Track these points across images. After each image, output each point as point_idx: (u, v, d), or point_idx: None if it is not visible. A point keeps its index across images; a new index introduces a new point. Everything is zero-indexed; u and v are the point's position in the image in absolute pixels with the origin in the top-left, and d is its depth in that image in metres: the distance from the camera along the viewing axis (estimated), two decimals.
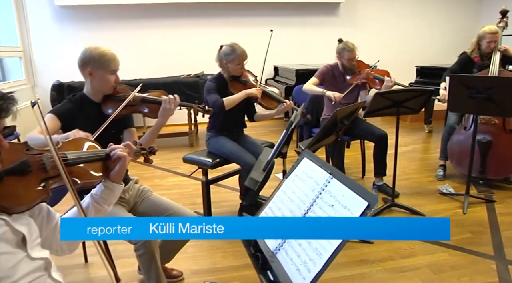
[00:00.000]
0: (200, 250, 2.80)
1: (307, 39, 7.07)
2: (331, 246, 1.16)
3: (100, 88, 2.09)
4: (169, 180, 4.27)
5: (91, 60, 2.03)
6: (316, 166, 1.45)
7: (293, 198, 1.44)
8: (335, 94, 3.52)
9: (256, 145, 3.17)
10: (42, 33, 6.40)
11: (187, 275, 2.52)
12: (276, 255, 1.34)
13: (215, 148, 3.12)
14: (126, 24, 6.47)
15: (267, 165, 2.12)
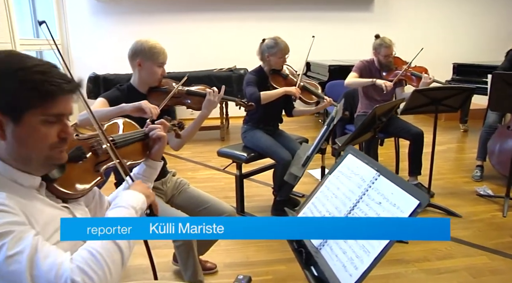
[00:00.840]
0: (233, 244, 2.81)
1: (340, 34, 6.98)
2: (380, 244, 1.14)
3: (147, 80, 2.15)
4: (201, 173, 4.31)
5: (141, 52, 2.10)
6: (361, 163, 1.42)
7: (337, 194, 1.43)
8: (386, 83, 3.42)
9: (291, 141, 3.17)
10: (79, 27, 6.55)
11: (220, 268, 2.54)
12: (320, 251, 1.32)
13: (251, 142, 3.12)
14: (160, 17, 6.55)
15: (307, 160, 2.10)
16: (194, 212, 2.17)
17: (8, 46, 4.71)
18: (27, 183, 1.00)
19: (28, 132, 0.95)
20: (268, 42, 3.05)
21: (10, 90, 0.92)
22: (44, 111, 0.95)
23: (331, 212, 1.40)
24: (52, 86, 0.94)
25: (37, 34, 6.08)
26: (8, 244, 0.85)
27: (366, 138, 2.95)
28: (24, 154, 0.97)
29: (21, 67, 0.93)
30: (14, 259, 0.84)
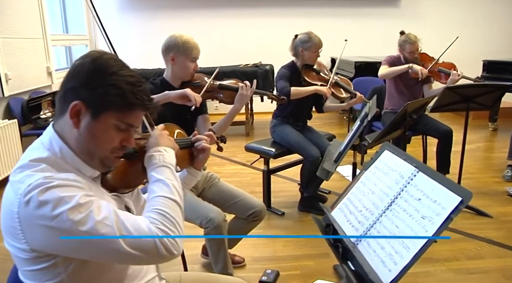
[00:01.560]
0: (261, 238, 2.84)
1: (366, 30, 6.91)
2: (420, 240, 1.14)
3: (180, 74, 2.18)
4: (227, 168, 4.35)
5: (174, 46, 2.13)
6: (399, 159, 1.42)
7: (374, 190, 1.43)
8: (423, 70, 3.39)
9: (320, 137, 3.17)
10: (107, 23, 6.64)
11: (248, 262, 2.56)
12: (357, 246, 1.33)
13: (280, 137, 3.13)
14: (186, 13, 6.61)
15: (339, 156, 2.10)
16: (224, 206, 2.19)
17: (40, 41, 4.84)
18: (88, 174, 1.07)
19: (100, 130, 1.02)
20: (302, 37, 3.07)
21: (99, 90, 0.99)
22: (120, 118, 1.03)
23: (368, 208, 1.40)
24: (136, 100, 1.02)
25: (66, 30, 6.22)
26: (94, 211, 0.93)
27: (396, 135, 2.92)
28: (91, 148, 1.03)
29: (116, 72, 1.01)
30: (104, 223, 0.92)
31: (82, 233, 0.90)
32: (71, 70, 1.03)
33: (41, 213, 0.89)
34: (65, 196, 0.91)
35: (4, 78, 3.98)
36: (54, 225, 0.89)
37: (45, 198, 0.90)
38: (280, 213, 3.19)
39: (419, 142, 4.21)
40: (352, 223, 1.42)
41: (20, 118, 4.14)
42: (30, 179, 0.92)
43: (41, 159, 0.99)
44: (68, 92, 1.01)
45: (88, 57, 1.02)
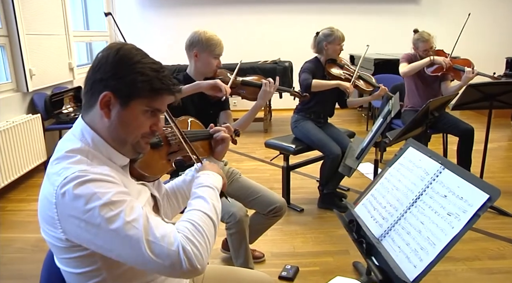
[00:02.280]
0: (280, 234, 2.86)
1: (385, 28, 6.84)
2: (446, 236, 1.15)
3: (202, 70, 2.20)
4: (245, 164, 4.37)
5: (198, 43, 2.14)
6: (424, 156, 1.42)
7: (399, 187, 1.43)
8: (445, 60, 3.37)
9: (341, 134, 3.17)
10: (127, 19, 6.74)
11: (268, 257, 2.58)
12: (381, 242, 1.34)
13: (302, 133, 3.14)
14: (205, 10, 6.64)
15: (361, 153, 2.10)
16: (245, 201, 2.21)
17: (63, 38, 4.92)
18: (119, 162, 1.11)
19: (130, 117, 1.06)
20: (325, 32, 3.10)
21: (127, 79, 1.03)
22: (148, 103, 1.06)
23: (392, 204, 1.41)
24: (162, 84, 1.06)
25: (87, 27, 6.31)
26: (125, 211, 0.95)
27: (416, 133, 2.90)
28: (122, 135, 1.07)
29: (139, 60, 1.05)
30: (132, 225, 0.94)
31: (109, 231, 0.93)
32: (95, 63, 1.06)
33: (75, 206, 0.93)
34: (99, 192, 0.94)
35: (29, 73, 4.07)
36: (85, 219, 0.93)
37: (79, 192, 0.93)
38: (299, 210, 3.20)
39: (439, 140, 4.16)
40: (376, 219, 1.43)
41: (43, 112, 4.23)
42: (66, 172, 0.96)
43: (75, 150, 1.03)
44: (95, 84, 1.05)
45: (110, 49, 1.06)
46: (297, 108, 3.26)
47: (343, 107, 3.27)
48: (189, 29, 2.25)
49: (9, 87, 3.95)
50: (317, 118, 3.19)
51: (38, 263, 1.17)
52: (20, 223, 3.13)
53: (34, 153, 3.96)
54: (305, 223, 3.02)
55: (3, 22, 3.87)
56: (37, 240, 2.81)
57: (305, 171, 3.89)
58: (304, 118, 3.17)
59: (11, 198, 3.61)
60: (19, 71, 4.01)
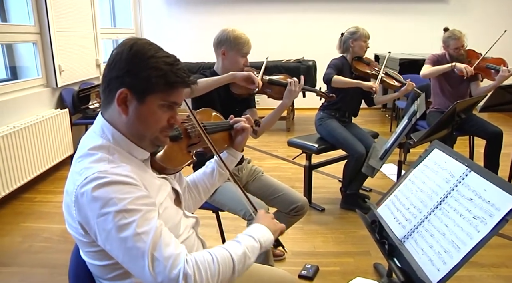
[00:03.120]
0: (301, 233, 2.86)
1: (411, 27, 6.72)
2: (471, 240, 1.13)
3: (229, 68, 2.19)
4: (267, 162, 4.38)
5: (226, 41, 2.16)
6: (449, 158, 1.40)
7: (423, 188, 1.41)
8: (467, 67, 3.28)
9: (365, 134, 3.15)
10: (152, 17, 6.84)
11: (288, 256, 2.58)
12: (404, 244, 1.33)
13: (327, 131, 3.14)
14: (229, 8, 6.67)
15: (385, 153, 2.08)
16: (267, 199, 2.21)
17: (91, 35, 5.02)
18: (139, 157, 1.14)
19: (147, 112, 1.07)
20: (350, 30, 3.13)
21: (141, 74, 1.04)
22: (164, 97, 1.07)
23: (416, 206, 1.39)
24: (177, 78, 1.07)
25: (114, 24, 6.43)
26: (138, 221, 0.95)
27: (442, 135, 2.85)
28: (141, 131, 1.09)
29: (153, 55, 1.06)
30: (142, 237, 0.94)
31: (119, 238, 0.94)
32: (110, 60, 1.08)
33: (92, 207, 0.96)
34: (115, 197, 0.95)
35: (58, 69, 4.18)
36: (98, 222, 0.95)
37: (97, 195, 0.95)
38: (320, 209, 3.20)
39: (465, 142, 4.09)
40: (399, 220, 1.42)
41: (70, 107, 4.33)
42: (87, 172, 0.99)
43: (96, 147, 1.05)
44: (112, 81, 1.06)
45: (124, 46, 1.07)
46: (322, 105, 3.25)
47: (370, 105, 3.26)
48: (214, 27, 2.27)
49: (39, 83, 4.07)
50: (342, 116, 3.18)
51: (64, 253, 1.21)
52: (47, 214, 3.22)
53: (62, 147, 4.06)
54: (326, 223, 3.01)
55: (36, 19, 3.98)
56: (63, 231, 2.89)
57: (327, 170, 3.87)
58: (329, 116, 3.16)
59: (40, 189, 3.72)
60: (49, 67, 4.13)
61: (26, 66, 4.07)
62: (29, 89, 3.88)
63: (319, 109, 3.26)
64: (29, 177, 3.54)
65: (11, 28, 3.73)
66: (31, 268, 2.49)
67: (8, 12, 3.88)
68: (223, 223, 2.42)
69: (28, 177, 3.53)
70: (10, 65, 3.96)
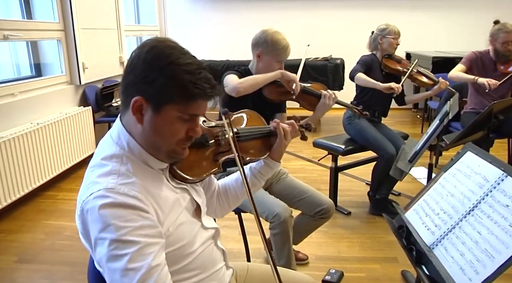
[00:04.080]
0: (325, 237, 2.84)
1: (448, 23, 6.57)
2: (507, 250, 1.09)
3: (264, 71, 2.17)
4: (292, 163, 4.36)
5: (264, 43, 2.14)
6: (484, 162, 1.36)
7: (454, 193, 1.38)
8: (490, 81, 3.17)
9: (394, 135, 3.11)
10: (177, 14, 6.91)
11: (312, 260, 2.57)
12: (433, 251, 1.30)
13: (355, 130, 3.11)
14: (254, 4, 6.67)
15: (414, 156, 2.05)
16: (291, 201, 2.21)
17: (115, 32, 5.12)
18: (155, 166, 1.09)
19: (163, 123, 1.02)
20: (379, 27, 3.12)
21: (157, 83, 0.98)
22: (182, 109, 1.01)
23: (446, 211, 1.36)
24: (197, 89, 0.99)
25: (138, 21, 6.53)
26: (131, 255, 0.92)
27: (477, 137, 2.77)
28: (157, 142, 1.04)
29: (173, 61, 0.99)
30: (129, 273, 0.91)
31: (107, 267, 0.93)
32: (129, 63, 1.03)
33: (92, 227, 0.95)
34: (114, 224, 0.92)
35: (82, 67, 4.28)
36: (95, 243, 0.95)
37: (98, 217, 0.93)
38: (346, 213, 3.17)
39: (503, 146, 3.98)
40: (428, 226, 1.39)
41: (94, 105, 4.43)
42: (93, 187, 0.97)
43: (108, 157, 1.03)
44: (128, 87, 1.02)
45: (143, 48, 1.01)
46: (351, 103, 3.21)
47: (400, 104, 3.22)
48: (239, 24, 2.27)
49: (63, 80, 4.17)
50: (372, 116, 3.12)
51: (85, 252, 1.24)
52: (69, 212, 3.30)
53: (84, 145, 4.16)
54: (352, 227, 2.98)
55: (60, 16, 4.09)
56: None
57: (354, 173, 3.84)
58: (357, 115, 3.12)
59: (62, 187, 3.82)
60: (73, 65, 4.23)
61: (50, 63, 4.17)
62: (52, 86, 3.99)
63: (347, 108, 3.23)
64: (51, 175, 3.64)
65: (36, 25, 3.84)
66: (53, 266, 2.56)
67: (33, 9, 3.99)
68: (245, 225, 2.42)
69: (51, 174, 3.63)
70: (35, 62, 4.08)
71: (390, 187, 3.07)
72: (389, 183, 3.04)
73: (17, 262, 2.62)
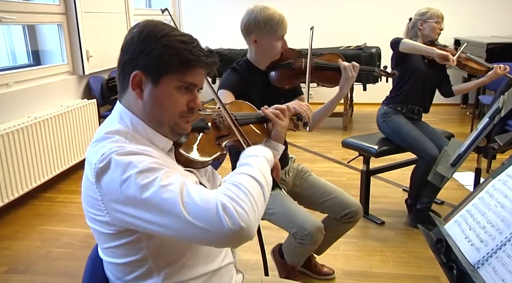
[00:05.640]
0: (354, 249, 2.79)
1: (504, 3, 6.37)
2: None
3: (265, 56, 2.11)
4: (319, 165, 4.33)
5: (256, 26, 2.02)
6: None
7: (505, 204, 1.32)
8: None
9: (437, 134, 3.04)
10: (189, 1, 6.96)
11: (338, 275, 2.53)
12: (478, 270, 1.24)
13: (391, 128, 3.06)
14: None
15: (458, 159, 1.98)
16: (315, 203, 2.22)
17: (123, 16, 5.17)
18: (161, 145, 1.18)
19: (163, 95, 1.13)
20: (419, 11, 3.08)
21: (154, 54, 1.10)
22: (180, 78, 1.13)
23: (494, 225, 1.30)
24: (192, 56, 1.11)
25: (149, 4, 6.58)
26: (161, 177, 1.01)
27: None
28: (158, 115, 1.15)
29: (166, 34, 1.12)
30: (167, 188, 0.99)
31: (145, 198, 0.98)
32: (124, 44, 1.15)
33: (113, 177, 1.01)
34: (134, 161, 1.02)
35: (86, 55, 4.32)
36: (122, 190, 1.00)
37: (116, 164, 1.01)
38: (379, 222, 3.11)
39: None
40: (472, 241, 1.33)
41: (99, 98, 4.48)
42: (103, 149, 1.05)
43: (113, 131, 1.12)
44: (126, 65, 1.14)
45: (135, 28, 1.15)
46: (386, 99, 3.18)
47: (447, 95, 3.18)
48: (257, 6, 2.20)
49: (64, 69, 4.24)
50: (410, 112, 3.08)
51: (85, 261, 1.24)
52: (70, 216, 3.35)
53: (88, 142, 4.20)
54: (385, 239, 2.92)
55: None
56: (86, 235, 2.98)
57: (389, 177, 3.79)
58: (394, 111, 3.08)
59: (62, 188, 3.88)
60: (76, 52, 4.29)
61: (50, 51, 4.24)
62: (52, 76, 4.05)
63: (383, 104, 3.18)
64: (50, 175, 3.70)
65: (33, 8, 3.88)
66: (48, 277, 2.59)
67: None
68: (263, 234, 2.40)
69: (50, 174, 3.69)
70: (32, 49, 4.14)
71: (432, 195, 2.98)
72: (432, 190, 2.95)
73: (7, 273, 2.65)
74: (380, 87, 4.35)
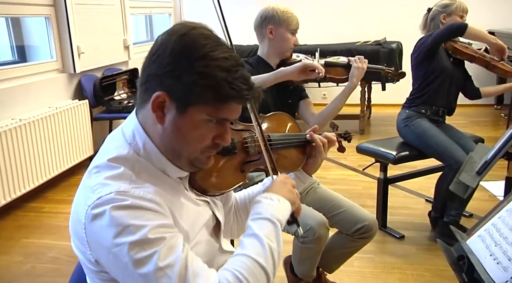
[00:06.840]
0: (370, 266, 2.79)
1: None
2: None
3: (279, 48, 2.33)
4: (332, 172, 4.34)
5: (272, 17, 2.28)
6: None
7: None
8: None
9: (464, 138, 3.02)
10: None
11: None
12: None
13: (415, 134, 3.04)
14: None
15: (485, 166, 1.94)
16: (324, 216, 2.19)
17: (118, 9, 5.20)
18: (174, 176, 1.12)
19: (187, 126, 1.04)
20: (441, 3, 3.08)
21: (187, 78, 1.00)
22: (212, 113, 1.03)
23: None
24: (232, 90, 1.01)
25: None
26: (159, 253, 0.95)
27: None
28: (177, 147, 1.07)
29: (206, 54, 1.00)
30: (165, 272, 0.94)
31: (137, 274, 0.94)
32: (154, 49, 1.05)
33: (104, 235, 0.96)
34: (132, 225, 0.95)
35: (77, 51, 4.34)
36: (113, 253, 0.95)
37: (111, 221, 0.95)
38: (399, 236, 3.10)
39: None
40: (498, 258, 1.31)
41: (91, 98, 4.49)
42: (102, 190, 0.98)
43: (120, 158, 1.05)
44: (150, 78, 1.04)
45: (173, 33, 1.03)
46: (408, 101, 3.16)
47: (472, 97, 3.17)
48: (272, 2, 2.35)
49: (53, 67, 4.26)
50: (435, 114, 3.07)
51: None
52: (57, 228, 3.36)
53: (79, 146, 4.23)
54: (405, 255, 2.91)
55: None
56: None
57: (410, 186, 3.78)
58: (417, 114, 3.07)
59: (49, 197, 3.90)
60: (66, 48, 4.31)
61: (37, 46, 4.27)
62: (39, 74, 4.07)
63: (403, 106, 3.17)
64: (37, 183, 3.71)
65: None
66: None
67: None
68: None
69: (36, 182, 3.70)
70: (17, 44, 4.17)
71: (461, 207, 2.93)
72: (460, 201, 2.90)
73: None
74: (400, 87, 4.33)
